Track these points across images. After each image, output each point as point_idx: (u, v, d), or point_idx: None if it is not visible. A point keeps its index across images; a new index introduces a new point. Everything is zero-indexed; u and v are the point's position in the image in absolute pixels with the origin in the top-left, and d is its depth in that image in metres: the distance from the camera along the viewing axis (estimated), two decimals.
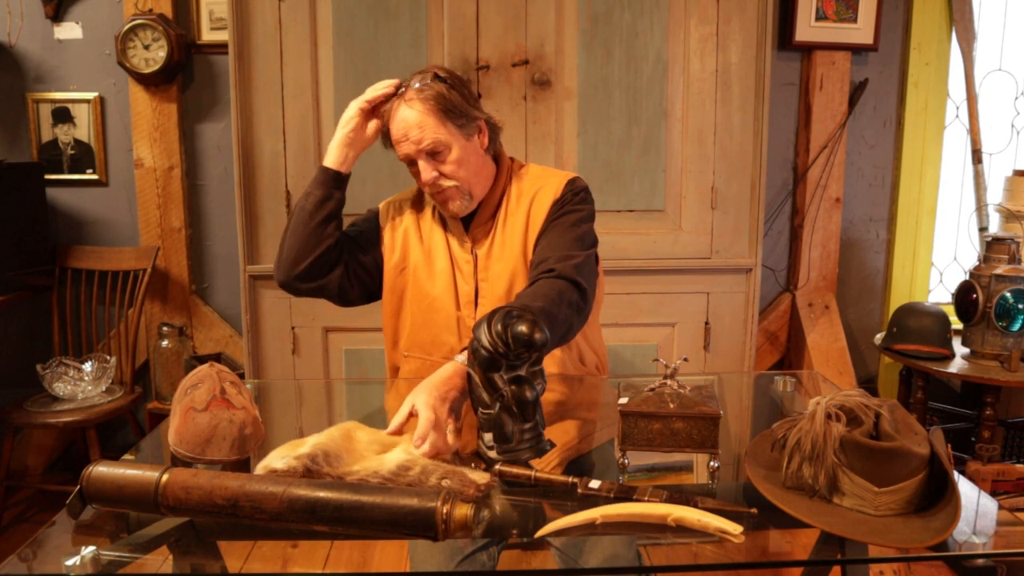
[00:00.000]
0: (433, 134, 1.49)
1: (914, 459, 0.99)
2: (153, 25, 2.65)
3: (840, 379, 2.73)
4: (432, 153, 1.50)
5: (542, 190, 1.59)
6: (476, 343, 1.15)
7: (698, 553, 1.04)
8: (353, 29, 2.33)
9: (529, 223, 1.57)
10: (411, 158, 1.52)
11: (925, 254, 3.03)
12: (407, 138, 1.50)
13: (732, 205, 2.45)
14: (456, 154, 1.51)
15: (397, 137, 1.52)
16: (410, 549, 1.42)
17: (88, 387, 2.57)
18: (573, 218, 1.55)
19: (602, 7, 2.34)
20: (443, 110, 1.50)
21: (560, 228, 1.54)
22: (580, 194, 1.59)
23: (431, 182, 1.51)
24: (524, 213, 1.58)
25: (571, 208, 1.57)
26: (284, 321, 2.44)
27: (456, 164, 1.51)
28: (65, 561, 0.94)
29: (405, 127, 1.50)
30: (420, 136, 1.49)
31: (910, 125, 2.93)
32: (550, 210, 1.56)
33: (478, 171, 1.56)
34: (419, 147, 1.50)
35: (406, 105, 1.51)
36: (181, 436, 1.17)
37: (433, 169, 1.51)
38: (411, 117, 1.50)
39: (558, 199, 1.57)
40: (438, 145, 1.49)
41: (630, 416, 1.18)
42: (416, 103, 1.50)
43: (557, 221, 1.55)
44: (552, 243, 1.51)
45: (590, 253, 1.53)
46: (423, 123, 1.49)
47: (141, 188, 2.82)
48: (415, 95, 1.51)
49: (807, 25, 2.77)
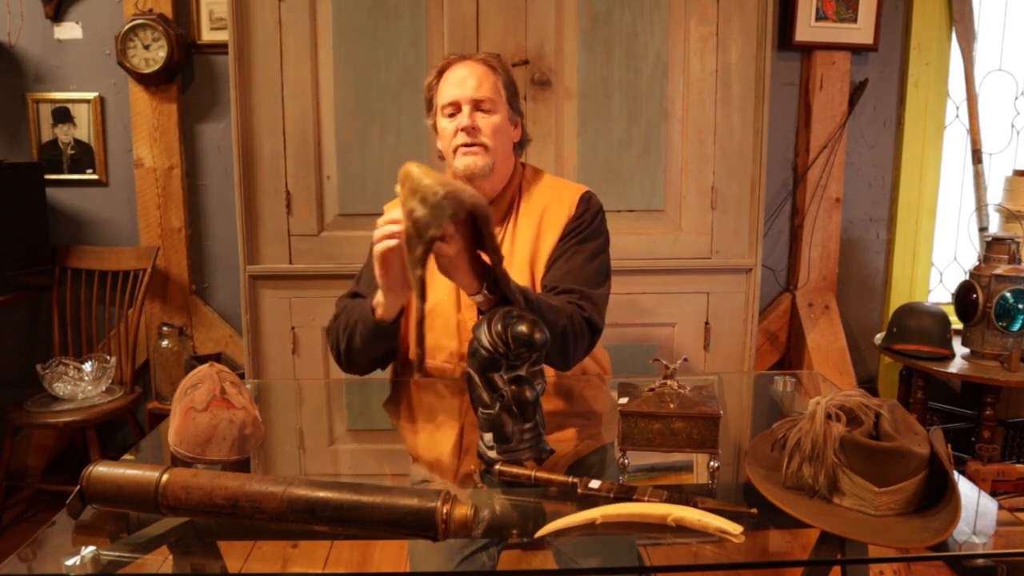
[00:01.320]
0: (491, 90, 1.52)
1: (914, 459, 0.99)
2: (153, 25, 2.65)
3: (840, 379, 2.73)
4: (479, 106, 1.52)
5: (554, 204, 1.58)
6: (476, 343, 1.15)
7: (698, 553, 1.04)
8: (353, 29, 2.32)
9: (539, 238, 1.57)
10: (456, 104, 1.53)
11: (925, 254, 3.03)
12: (463, 84, 1.52)
13: (732, 205, 2.45)
14: (498, 121, 1.53)
15: (452, 82, 1.53)
16: (410, 549, 1.42)
17: (88, 387, 2.57)
18: (591, 247, 1.56)
19: (602, 7, 2.34)
20: (504, 83, 1.55)
21: (579, 259, 1.54)
22: (597, 217, 1.60)
23: (470, 127, 1.51)
24: (534, 225, 1.57)
25: (589, 233, 1.57)
26: (284, 321, 2.44)
27: (494, 129, 1.52)
28: (65, 561, 0.94)
29: (464, 75, 1.52)
30: (477, 85, 1.51)
31: (910, 125, 2.93)
32: (564, 229, 1.56)
33: (506, 153, 1.57)
34: (473, 94, 1.51)
35: (472, 61, 1.54)
36: (181, 436, 1.17)
37: (474, 120, 1.52)
38: (476, 69, 1.53)
39: (572, 218, 1.57)
40: (490, 102, 1.52)
41: (630, 416, 1.18)
42: (481, 64, 1.54)
43: (574, 248, 1.55)
44: (571, 273, 1.52)
45: (607, 290, 1.56)
46: (484, 78, 1.52)
47: (141, 188, 2.82)
48: (483, 57, 1.55)
49: (807, 25, 2.77)
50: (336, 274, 2.38)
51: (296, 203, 2.38)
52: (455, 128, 1.52)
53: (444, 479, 1.49)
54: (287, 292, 2.42)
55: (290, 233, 2.39)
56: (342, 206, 2.38)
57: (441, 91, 1.56)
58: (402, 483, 1.48)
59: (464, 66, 1.54)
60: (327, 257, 2.40)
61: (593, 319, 1.49)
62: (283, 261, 2.40)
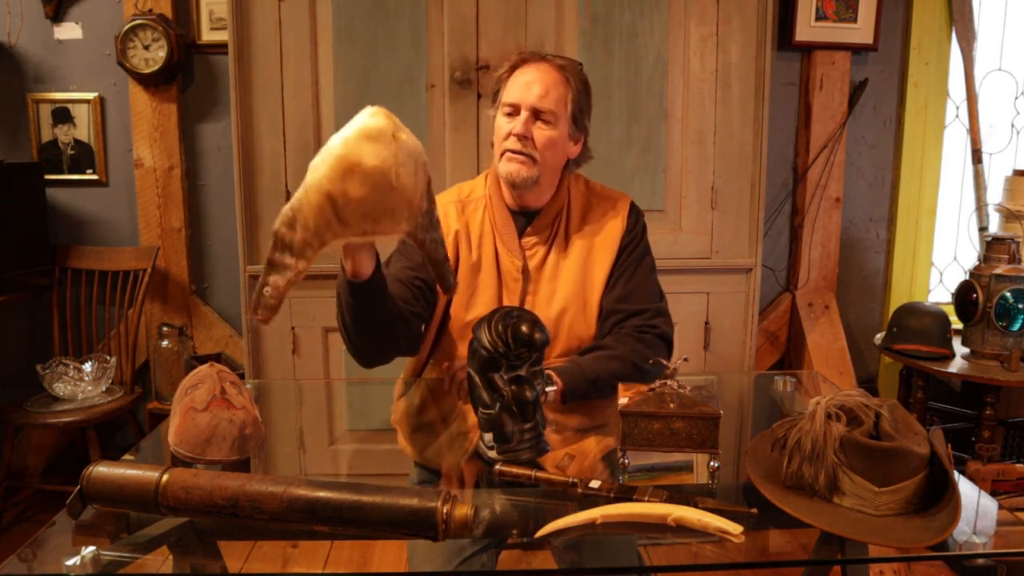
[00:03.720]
0: (556, 102, 1.46)
1: (914, 459, 0.99)
2: (153, 25, 2.65)
3: (840, 379, 2.73)
4: (539, 115, 1.46)
5: (608, 219, 1.56)
6: (476, 343, 1.15)
7: (698, 553, 1.04)
8: (353, 29, 2.32)
9: (592, 253, 1.54)
10: (517, 107, 1.47)
11: (925, 254, 3.03)
12: (529, 89, 1.46)
13: (732, 205, 2.45)
14: (554, 135, 1.47)
15: (520, 83, 1.47)
16: (409, 550, 1.42)
17: (88, 387, 2.57)
18: (648, 261, 1.58)
19: (602, 7, 2.34)
20: (574, 100, 1.49)
21: (640, 275, 1.55)
22: (645, 228, 1.60)
23: (522, 133, 1.46)
24: (586, 242, 1.55)
25: (644, 247, 1.58)
26: (284, 321, 2.44)
27: (548, 143, 1.47)
28: (65, 561, 0.94)
29: (533, 79, 1.47)
30: (543, 93, 1.46)
31: (910, 125, 2.93)
32: (619, 245, 1.55)
33: (555, 169, 1.53)
34: (536, 103, 1.46)
35: (548, 65, 1.48)
36: (181, 436, 1.17)
37: (529, 129, 1.46)
38: (547, 76, 1.47)
39: (626, 232, 1.56)
40: (551, 115, 1.46)
41: (630, 416, 1.18)
42: (556, 71, 1.48)
43: (635, 264, 1.55)
44: (637, 290, 1.53)
45: (665, 298, 1.59)
46: (553, 87, 1.47)
47: (141, 188, 2.82)
48: (561, 63, 1.49)
49: (807, 25, 2.77)
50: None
51: None
52: (509, 130, 1.47)
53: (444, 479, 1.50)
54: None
55: None
56: None
57: (508, 88, 1.50)
58: (402, 483, 1.49)
59: (536, 69, 1.48)
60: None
61: (666, 333, 1.52)
62: None
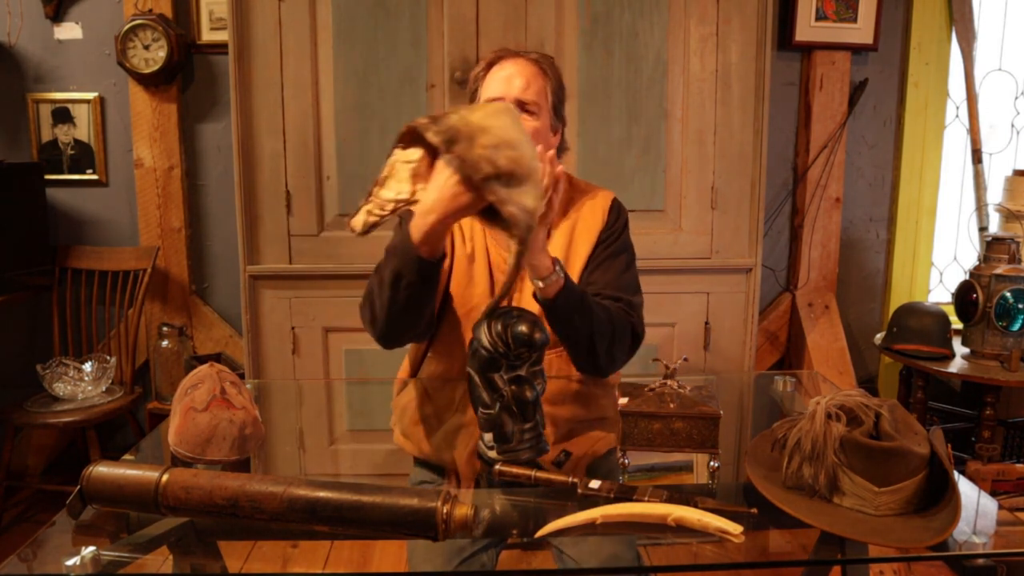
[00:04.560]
0: (538, 93, 1.48)
1: (914, 459, 0.99)
2: (153, 25, 2.65)
3: (840, 379, 2.73)
4: (523, 108, 1.47)
5: (586, 211, 1.56)
6: (476, 343, 1.15)
7: (698, 553, 1.04)
8: (353, 29, 2.32)
9: (571, 245, 1.55)
10: (500, 100, 1.47)
11: (925, 254, 3.03)
12: (510, 83, 1.47)
13: (732, 205, 2.45)
14: (538, 126, 1.49)
15: (499, 78, 1.49)
16: (409, 550, 1.42)
17: (88, 387, 2.57)
18: (625, 257, 1.56)
19: (602, 7, 2.34)
20: (554, 90, 1.51)
21: (616, 269, 1.53)
22: (627, 226, 1.59)
23: None
24: (566, 233, 1.55)
25: (622, 243, 1.56)
26: (284, 321, 2.44)
27: (533, 134, 1.46)
28: (65, 561, 0.94)
29: (513, 73, 1.48)
30: (525, 86, 1.47)
31: (910, 125, 2.93)
32: (597, 238, 1.54)
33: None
34: (519, 95, 1.46)
35: (524, 59, 1.50)
36: (181, 436, 1.17)
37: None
38: (526, 69, 1.49)
39: (605, 227, 1.55)
40: (534, 105, 1.48)
41: (630, 416, 1.18)
42: (532, 64, 1.50)
43: (610, 258, 1.54)
44: (611, 283, 1.51)
45: (642, 298, 1.55)
46: (533, 79, 1.48)
47: (141, 188, 2.82)
48: (535, 57, 1.51)
49: (807, 25, 2.77)
50: (336, 274, 2.39)
51: (296, 203, 2.38)
52: None
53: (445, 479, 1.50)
54: (287, 292, 2.42)
55: (290, 233, 2.39)
56: (342, 206, 2.38)
57: (487, 85, 1.51)
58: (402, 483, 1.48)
59: (514, 63, 1.50)
60: (327, 257, 2.40)
61: (636, 327, 1.49)
62: (283, 261, 2.40)
